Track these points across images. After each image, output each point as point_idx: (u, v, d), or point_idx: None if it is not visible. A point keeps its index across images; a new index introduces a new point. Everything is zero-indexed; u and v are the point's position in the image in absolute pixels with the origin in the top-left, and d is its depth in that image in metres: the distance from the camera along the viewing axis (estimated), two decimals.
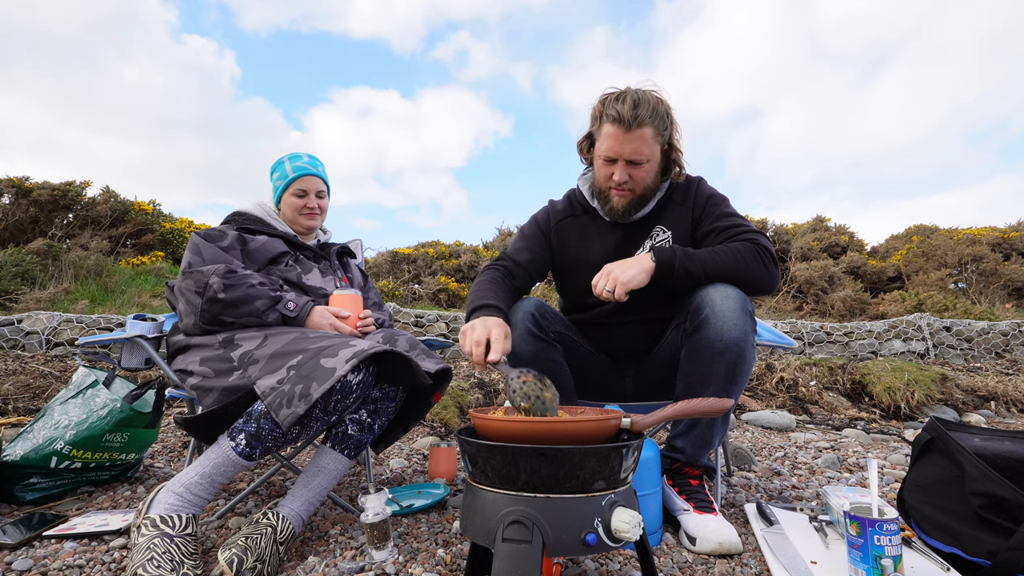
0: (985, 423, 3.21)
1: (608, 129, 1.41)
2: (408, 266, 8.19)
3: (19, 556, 1.21)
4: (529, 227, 1.67)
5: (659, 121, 1.40)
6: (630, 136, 1.39)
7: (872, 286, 8.31)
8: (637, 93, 1.40)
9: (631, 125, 1.38)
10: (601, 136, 1.44)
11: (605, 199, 1.52)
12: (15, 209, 6.92)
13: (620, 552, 1.26)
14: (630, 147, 1.40)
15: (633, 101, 1.38)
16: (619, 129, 1.39)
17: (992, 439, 1.19)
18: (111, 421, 1.65)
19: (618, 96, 1.40)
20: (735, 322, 1.33)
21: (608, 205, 1.52)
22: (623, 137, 1.39)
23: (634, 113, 1.37)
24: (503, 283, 1.54)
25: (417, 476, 1.95)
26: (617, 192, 1.48)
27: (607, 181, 1.48)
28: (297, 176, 1.67)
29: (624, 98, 1.39)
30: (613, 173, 1.45)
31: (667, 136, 1.45)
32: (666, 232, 1.55)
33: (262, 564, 1.10)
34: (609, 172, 1.46)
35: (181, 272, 1.41)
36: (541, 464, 0.87)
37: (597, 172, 1.51)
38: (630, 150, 1.41)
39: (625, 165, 1.43)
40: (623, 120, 1.37)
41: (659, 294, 1.52)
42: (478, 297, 1.43)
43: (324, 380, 1.15)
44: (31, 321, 3.93)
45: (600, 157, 1.46)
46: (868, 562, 1.00)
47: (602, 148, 1.44)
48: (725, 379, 1.35)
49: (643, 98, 1.39)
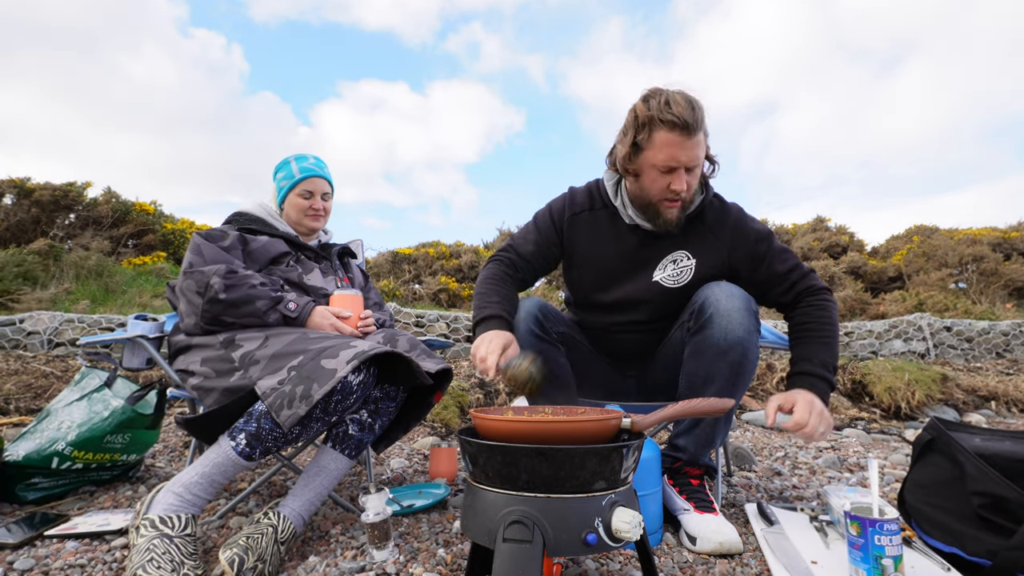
0: (986, 423, 3.21)
1: (666, 136, 1.29)
2: (409, 266, 8.19)
3: (21, 555, 1.21)
4: (542, 217, 1.58)
5: (705, 124, 1.33)
6: (691, 142, 1.30)
7: (872, 286, 8.30)
8: (686, 94, 1.30)
9: (693, 130, 1.28)
10: (655, 144, 1.32)
11: (655, 213, 1.41)
12: (16, 209, 6.93)
13: (621, 552, 1.26)
14: (692, 153, 1.31)
15: (689, 103, 1.28)
16: (680, 136, 1.28)
17: (993, 439, 1.20)
18: (113, 423, 1.66)
19: (669, 99, 1.29)
20: (739, 321, 1.33)
21: (660, 219, 1.41)
22: (685, 143, 1.29)
23: (694, 116, 1.28)
24: (507, 280, 1.50)
25: (418, 476, 1.95)
26: (670, 204, 1.38)
27: (664, 192, 1.36)
28: (304, 177, 1.67)
29: (678, 101, 1.28)
30: (671, 183, 1.34)
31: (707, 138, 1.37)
32: (691, 259, 1.46)
33: (263, 564, 1.10)
34: (666, 183, 1.34)
35: (182, 272, 1.41)
36: (542, 464, 0.87)
37: (649, 184, 1.38)
38: (690, 156, 1.31)
39: (684, 173, 1.33)
40: (686, 125, 1.27)
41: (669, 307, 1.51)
42: (483, 303, 1.40)
43: (325, 381, 1.15)
44: (32, 321, 3.94)
45: (655, 167, 1.34)
46: (868, 562, 1.01)
47: (659, 157, 1.32)
48: (728, 378, 1.35)
49: (694, 99, 1.30)
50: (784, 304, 1.47)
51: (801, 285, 1.44)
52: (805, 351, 1.37)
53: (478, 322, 1.37)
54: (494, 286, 1.47)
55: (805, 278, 1.45)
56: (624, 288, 1.52)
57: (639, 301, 1.51)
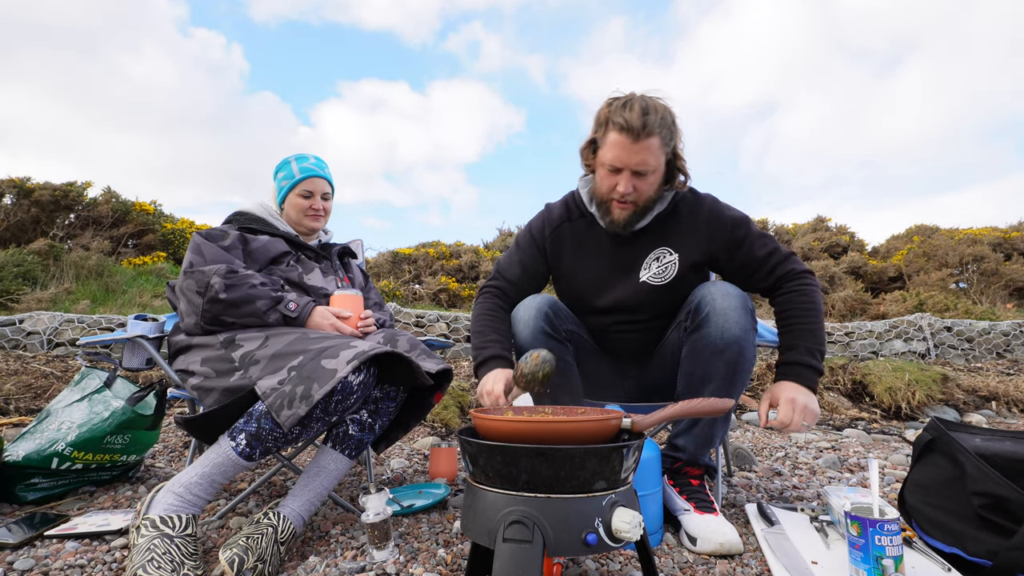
0: (986, 423, 3.21)
1: (615, 137, 1.34)
2: (409, 266, 8.19)
3: (21, 555, 1.21)
4: (523, 237, 1.62)
5: (666, 131, 1.35)
6: (637, 146, 1.33)
7: (873, 286, 8.30)
8: (645, 100, 1.34)
9: (639, 135, 1.31)
10: (606, 143, 1.37)
11: (606, 210, 1.46)
12: (16, 209, 6.93)
13: (621, 552, 1.26)
14: (637, 157, 1.34)
15: (642, 108, 1.31)
16: (627, 138, 1.32)
17: (993, 439, 1.19)
18: (113, 423, 1.66)
19: (626, 103, 1.34)
20: (736, 320, 1.33)
21: (608, 217, 1.46)
22: (631, 147, 1.33)
23: (643, 122, 1.30)
24: (500, 312, 1.53)
25: (418, 476, 1.95)
26: (619, 205, 1.42)
27: (610, 192, 1.42)
28: (304, 177, 1.67)
29: (632, 105, 1.32)
30: (617, 184, 1.39)
31: (672, 145, 1.39)
32: (673, 255, 1.48)
33: (263, 564, 1.10)
34: (613, 183, 1.40)
35: (182, 272, 1.41)
36: (542, 464, 0.87)
37: (599, 181, 1.44)
38: (637, 160, 1.34)
39: (631, 176, 1.37)
40: (632, 129, 1.31)
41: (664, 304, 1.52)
42: (482, 343, 1.44)
43: (325, 381, 1.15)
44: (32, 321, 3.94)
45: (604, 165, 1.40)
46: (869, 562, 1.00)
47: (607, 156, 1.38)
48: (726, 377, 1.35)
49: (652, 106, 1.33)
50: (765, 289, 1.48)
51: (781, 269, 1.44)
52: (790, 340, 1.38)
53: (480, 363, 1.40)
54: (490, 323, 1.50)
55: (785, 262, 1.45)
56: (614, 292, 1.53)
57: (631, 302, 1.52)
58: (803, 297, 1.40)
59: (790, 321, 1.40)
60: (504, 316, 1.52)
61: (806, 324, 1.37)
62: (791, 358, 1.35)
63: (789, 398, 1.28)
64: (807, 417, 1.26)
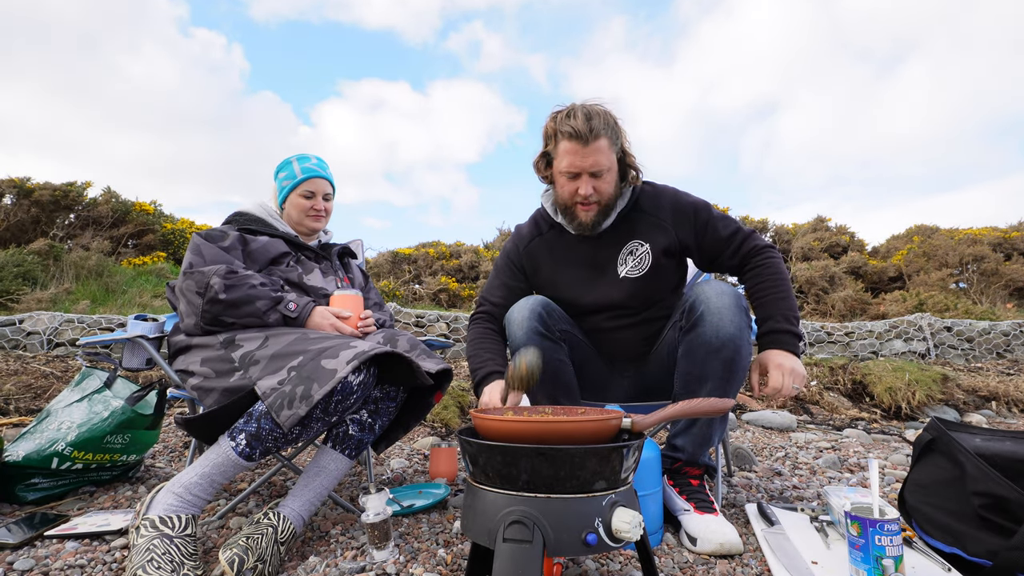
0: (986, 423, 3.21)
1: (566, 145, 1.42)
2: (409, 266, 8.19)
3: (21, 556, 1.21)
4: (501, 261, 1.69)
5: (611, 131, 1.42)
6: (589, 149, 1.40)
7: (873, 286, 8.30)
8: (586, 107, 1.42)
9: (588, 138, 1.39)
10: (559, 153, 1.44)
11: (572, 216, 1.52)
12: (16, 209, 6.93)
13: (621, 552, 1.26)
14: (590, 160, 1.41)
15: (585, 115, 1.39)
16: (577, 144, 1.40)
17: (993, 439, 1.19)
18: (112, 423, 1.66)
19: (568, 112, 1.42)
20: (730, 319, 1.34)
21: (576, 221, 1.52)
22: (582, 151, 1.40)
23: (589, 126, 1.38)
24: (492, 335, 1.57)
25: (418, 476, 1.95)
26: (583, 208, 1.48)
27: (572, 197, 1.48)
28: (306, 178, 1.67)
29: (575, 113, 1.40)
30: (578, 188, 1.45)
31: (619, 144, 1.46)
32: (644, 245, 1.54)
33: (263, 564, 1.10)
34: (573, 188, 1.46)
35: (182, 272, 1.41)
36: (542, 464, 0.87)
37: (560, 189, 1.50)
38: (590, 162, 1.41)
39: (589, 178, 1.44)
40: (579, 134, 1.38)
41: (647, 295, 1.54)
42: (478, 363, 1.48)
43: (325, 381, 1.15)
44: (32, 321, 3.94)
45: (562, 174, 1.46)
46: (869, 562, 1.00)
47: (562, 165, 1.44)
48: (722, 376, 1.35)
49: (593, 111, 1.40)
50: (733, 267, 1.54)
51: (745, 247, 1.51)
52: (765, 311, 1.44)
53: (479, 381, 1.45)
54: (482, 344, 1.54)
55: (748, 239, 1.52)
56: (597, 291, 1.57)
57: (616, 298, 1.56)
58: (769, 270, 1.47)
59: (762, 294, 1.46)
60: (495, 337, 1.57)
61: (776, 293, 1.44)
62: (770, 327, 1.41)
63: (776, 363, 1.34)
64: (796, 379, 1.32)
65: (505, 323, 1.54)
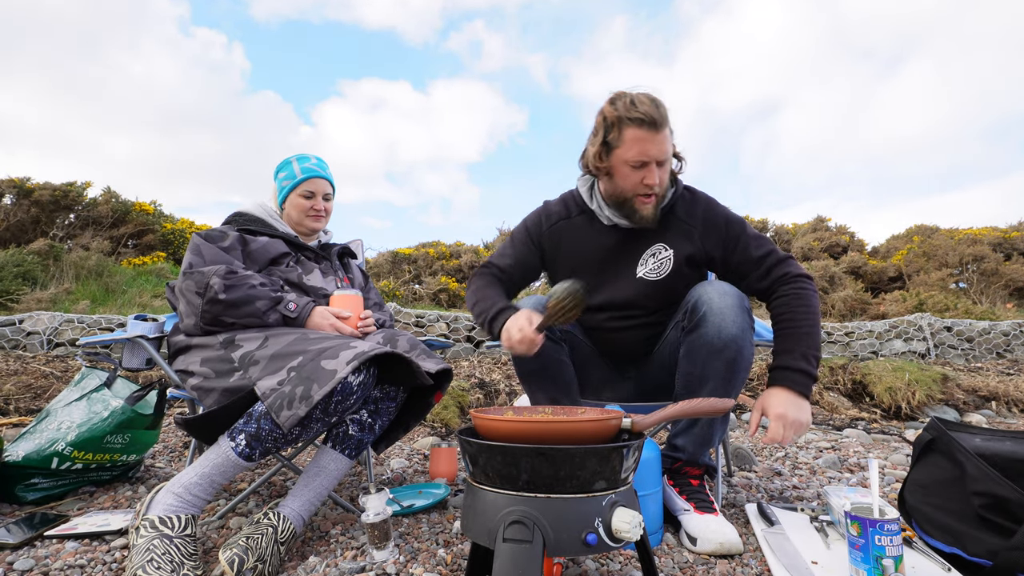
0: (986, 423, 3.21)
1: (635, 133, 1.36)
2: (408, 266, 8.19)
3: (21, 556, 1.21)
4: (519, 233, 1.64)
5: (670, 123, 1.39)
6: (659, 136, 1.36)
7: (873, 286, 8.30)
8: (649, 95, 1.37)
9: (660, 125, 1.34)
10: (625, 141, 1.38)
11: (631, 209, 1.45)
12: (16, 209, 6.93)
13: (621, 552, 1.26)
14: (660, 147, 1.37)
15: (652, 101, 1.35)
16: (648, 131, 1.35)
17: (993, 439, 1.19)
18: (112, 423, 1.66)
19: (634, 99, 1.36)
20: (733, 319, 1.34)
21: (637, 214, 1.46)
22: (654, 138, 1.35)
23: (660, 112, 1.34)
24: (497, 283, 1.55)
25: (418, 476, 1.95)
26: (644, 200, 1.43)
27: (638, 187, 1.41)
28: (306, 178, 1.67)
29: (641, 99, 1.35)
30: (644, 177, 1.39)
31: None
32: (668, 251, 1.50)
33: (263, 564, 1.10)
34: (639, 178, 1.40)
35: (182, 273, 1.41)
36: (542, 464, 0.87)
37: (622, 180, 1.43)
38: (660, 150, 1.37)
39: (656, 167, 1.39)
40: (652, 121, 1.34)
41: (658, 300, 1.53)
42: (488, 304, 1.43)
43: (325, 382, 1.15)
44: (32, 321, 3.94)
45: (627, 163, 1.39)
46: (869, 562, 1.00)
47: (630, 153, 1.38)
48: (724, 376, 1.35)
49: (658, 99, 1.37)
50: (761, 290, 1.48)
51: (778, 271, 1.44)
52: (785, 343, 1.36)
53: (494, 317, 1.39)
54: (489, 289, 1.51)
55: (781, 264, 1.45)
56: (611, 287, 1.55)
57: (626, 298, 1.54)
58: (799, 301, 1.39)
59: (786, 324, 1.38)
60: (500, 287, 1.53)
61: (802, 328, 1.35)
62: (785, 362, 1.32)
63: (779, 413, 1.25)
64: (797, 431, 1.25)
65: None
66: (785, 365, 1.32)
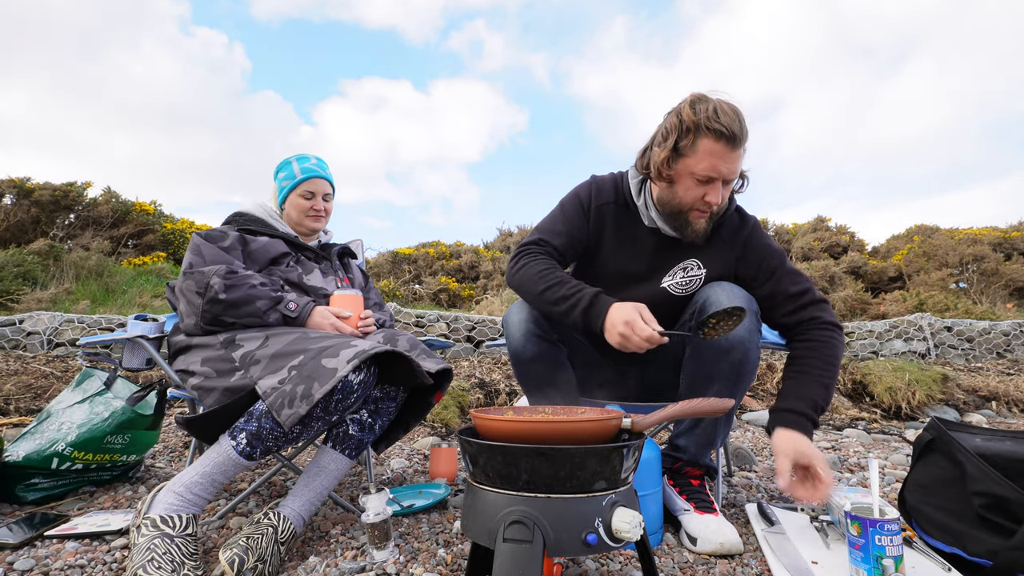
0: (986, 423, 3.21)
1: (711, 145, 1.26)
2: (409, 266, 8.19)
3: (21, 556, 1.21)
4: (571, 205, 1.50)
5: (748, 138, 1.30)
6: (735, 155, 1.27)
7: (873, 286, 8.30)
8: (733, 106, 1.28)
9: (739, 142, 1.26)
10: (698, 152, 1.28)
11: (684, 222, 1.38)
12: (16, 209, 6.94)
13: (621, 552, 1.26)
14: (732, 166, 1.29)
15: (736, 114, 1.26)
16: (726, 147, 1.25)
17: (993, 439, 1.19)
18: (112, 423, 1.66)
19: (717, 108, 1.26)
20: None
21: (689, 228, 1.38)
22: (729, 155, 1.27)
23: (742, 129, 1.25)
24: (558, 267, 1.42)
25: (418, 476, 1.95)
26: (700, 215, 1.36)
27: (698, 202, 1.33)
28: (306, 178, 1.67)
29: (725, 110, 1.26)
30: (706, 194, 1.31)
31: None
32: (701, 269, 1.45)
33: (263, 564, 1.10)
34: (701, 193, 1.32)
35: (182, 272, 1.41)
36: (542, 464, 0.87)
37: (683, 192, 1.34)
38: (731, 169, 1.29)
39: (721, 185, 1.31)
40: (733, 136, 1.24)
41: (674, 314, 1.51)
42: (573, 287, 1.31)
43: (326, 380, 1.15)
44: (32, 321, 3.94)
45: (693, 175, 1.31)
46: (869, 562, 1.00)
47: (700, 166, 1.29)
48: (729, 378, 1.34)
49: (740, 111, 1.28)
50: (785, 325, 1.44)
51: (809, 313, 1.40)
52: (799, 388, 1.31)
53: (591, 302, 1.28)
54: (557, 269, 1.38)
55: (815, 306, 1.40)
56: (634, 291, 1.50)
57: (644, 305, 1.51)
58: (826, 348, 1.35)
59: (805, 368, 1.33)
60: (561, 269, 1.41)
61: (821, 377, 1.32)
62: (800, 408, 1.27)
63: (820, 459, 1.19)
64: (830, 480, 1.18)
65: (502, 324, 1.51)
66: (800, 411, 1.27)
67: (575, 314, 1.30)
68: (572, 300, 1.30)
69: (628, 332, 1.21)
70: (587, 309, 1.28)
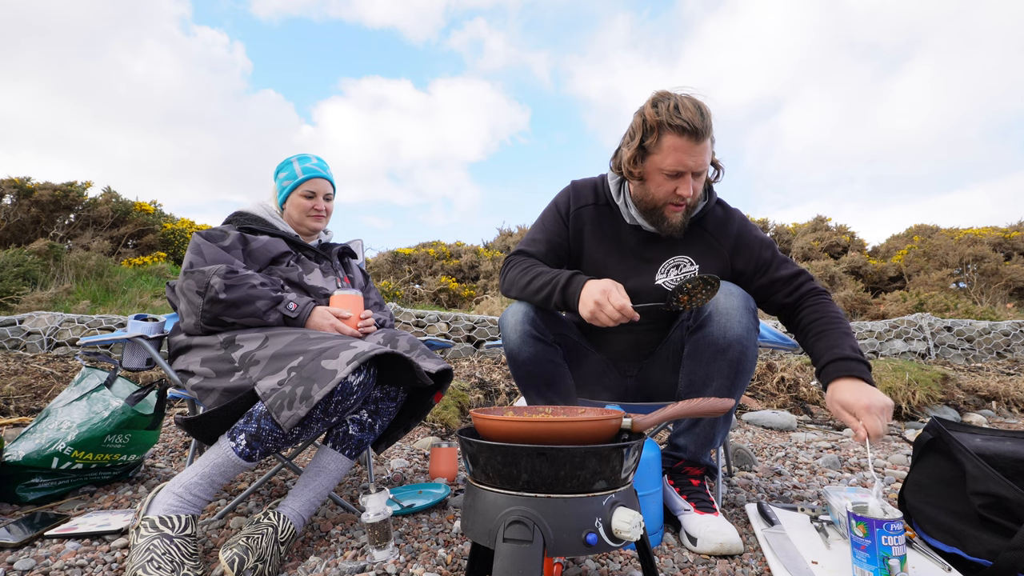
0: (986, 423, 3.21)
1: (674, 140, 1.30)
2: (409, 266, 8.19)
3: (21, 556, 1.21)
4: (549, 213, 1.57)
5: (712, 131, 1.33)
6: (699, 147, 1.30)
7: (873, 286, 8.31)
8: (695, 100, 1.31)
9: (702, 135, 1.29)
10: (663, 148, 1.32)
11: (660, 217, 1.42)
12: (16, 209, 6.94)
13: (621, 552, 1.26)
14: (699, 159, 1.32)
15: (698, 109, 1.29)
16: (689, 141, 1.29)
17: (993, 439, 1.19)
18: (113, 423, 1.66)
19: (678, 104, 1.29)
20: (738, 319, 1.33)
21: (665, 223, 1.42)
22: (693, 149, 1.30)
23: (704, 123, 1.28)
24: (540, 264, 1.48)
25: (418, 476, 1.95)
26: (674, 208, 1.39)
27: (669, 196, 1.37)
28: (307, 178, 1.67)
29: (686, 105, 1.29)
30: (677, 188, 1.35)
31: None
32: (694, 265, 1.48)
33: (263, 564, 1.10)
34: (672, 187, 1.35)
35: (182, 272, 1.41)
36: (542, 464, 0.87)
37: (655, 188, 1.38)
38: (698, 162, 1.32)
39: (692, 178, 1.34)
40: (694, 130, 1.27)
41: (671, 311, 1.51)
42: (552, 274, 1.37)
43: (325, 382, 1.15)
44: (32, 321, 3.94)
45: (662, 171, 1.34)
46: (875, 563, 1.00)
47: (666, 162, 1.32)
48: (728, 377, 1.35)
49: (703, 106, 1.31)
50: (786, 304, 1.48)
51: (805, 288, 1.47)
52: (829, 340, 1.33)
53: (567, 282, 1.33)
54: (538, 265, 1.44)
55: (810, 282, 1.49)
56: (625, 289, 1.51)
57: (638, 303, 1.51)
58: (831, 308, 1.41)
59: (824, 325, 1.37)
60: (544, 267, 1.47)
61: (842, 327, 1.36)
62: (842, 354, 1.28)
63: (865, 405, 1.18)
64: (888, 415, 1.18)
65: (499, 325, 1.52)
66: (844, 356, 1.28)
67: (556, 296, 1.36)
68: (552, 284, 1.36)
69: (603, 301, 1.25)
70: (564, 288, 1.34)
